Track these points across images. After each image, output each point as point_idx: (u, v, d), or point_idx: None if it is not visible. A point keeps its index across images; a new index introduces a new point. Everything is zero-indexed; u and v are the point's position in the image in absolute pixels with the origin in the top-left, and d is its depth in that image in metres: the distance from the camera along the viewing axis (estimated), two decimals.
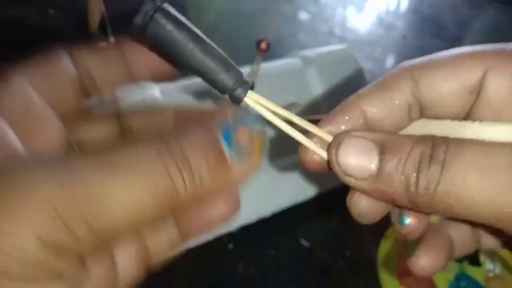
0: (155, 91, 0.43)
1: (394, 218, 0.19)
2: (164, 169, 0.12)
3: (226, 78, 0.15)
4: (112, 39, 0.35)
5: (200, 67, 0.15)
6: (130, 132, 0.17)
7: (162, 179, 0.12)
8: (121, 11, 0.82)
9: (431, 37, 0.94)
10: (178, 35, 0.14)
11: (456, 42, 0.95)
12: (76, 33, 0.71)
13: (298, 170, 0.47)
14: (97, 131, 0.17)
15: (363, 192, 0.16)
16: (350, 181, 0.16)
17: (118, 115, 0.17)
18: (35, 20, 0.72)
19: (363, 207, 0.17)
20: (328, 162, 0.17)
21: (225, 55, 0.15)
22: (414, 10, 1.06)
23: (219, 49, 0.15)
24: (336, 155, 0.16)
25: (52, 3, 0.76)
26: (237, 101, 0.15)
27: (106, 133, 0.17)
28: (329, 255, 0.45)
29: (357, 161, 0.15)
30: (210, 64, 0.15)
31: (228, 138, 0.13)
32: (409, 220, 0.18)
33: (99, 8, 0.33)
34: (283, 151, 0.48)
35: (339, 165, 0.16)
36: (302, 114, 0.18)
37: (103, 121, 0.17)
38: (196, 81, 0.46)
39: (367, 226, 0.49)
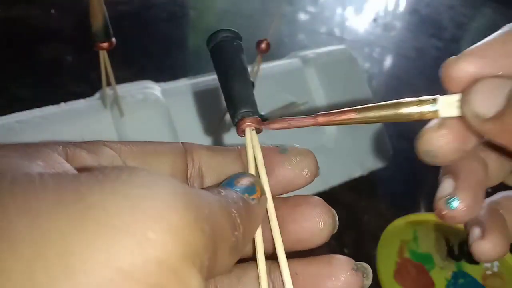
0: (156, 91, 0.43)
1: (439, 200, 0.18)
2: (221, 199, 0.13)
3: (239, 107, 0.17)
4: (114, 40, 0.35)
5: (232, 91, 0.17)
6: (200, 171, 0.17)
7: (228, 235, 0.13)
8: (123, 11, 0.82)
9: (429, 37, 0.95)
10: (228, 61, 0.18)
11: (454, 42, 0.96)
12: (77, 33, 0.71)
13: None
14: (163, 165, 0.16)
15: (487, 132, 0.15)
16: (476, 122, 0.15)
17: (187, 151, 0.17)
18: (37, 20, 0.73)
19: (438, 147, 0.17)
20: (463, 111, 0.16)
21: (252, 96, 0.17)
22: (412, 11, 1.06)
23: (249, 88, 0.17)
24: (469, 93, 0.15)
25: (54, 3, 0.76)
26: (239, 127, 0.17)
27: (174, 167, 0.16)
28: (328, 253, 0.45)
29: (488, 98, 0.15)
30: (236, 93, 0.17)
31: (232, 186, 0.15)
32: (458, 203, 0.17)
33: (101, 9, 0.33)
34: None
35: (468, 103, 0.15)
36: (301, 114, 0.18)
37: (169, 154, 0.16)
38: (196, 81, 0.47)
39: (366, 224, 0.49)
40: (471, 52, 0.16)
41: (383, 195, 0.53)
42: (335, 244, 0.46)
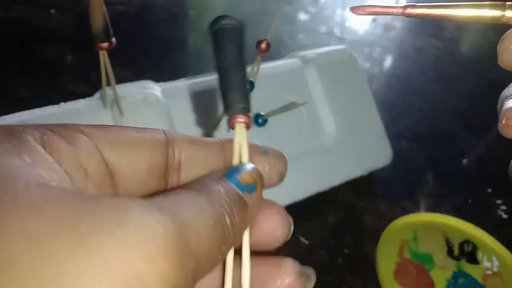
0: (156, 91, 0.43)
1: (508, 110, 0.19)
2: (213, 210, 0.13)
3: (237, 99, 0.17)
4: (114, 40, 0.35)
5: (227, 83, 0.17)
6: (179, 164, 0.17)
7: (219, 224, 0.13)
8: (123, 11, 0.82)
9: (429, 37, 0.95)
10: (229, 50, 0.17)
11: (454, 42, 0.96)
12: (77, 33, 0.71)
13: (297, 169, 0.48)
14: (141, 160, 0.15)
15: None
16: None
17: (169, 144, 0.16)
18: (37, 20, 0.73)
19: None
20: None
21: (246, 89, 0.17)
22: None
23: (246, 85, 0.17)
24: None
25: (54, 3, 0.76)
26: (231, 121, 0.17)
27: (152, 162, 0.16)
28: (328, 253, 0.45)
29: None
30: (231, 84, 0.17)
31: (237, 183, 0.15)
32: None
33: (101, 9, 0.33)
34: None
35: None
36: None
37: (149, 147, 0.16)
38: (196, 81, 0.47)
39: (366, 224, 0.49)
40: None
41: (383, 195, 0.53)
42: (335, 244, 0.46)
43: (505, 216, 0.52)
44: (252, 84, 0.40)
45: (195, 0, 0.94)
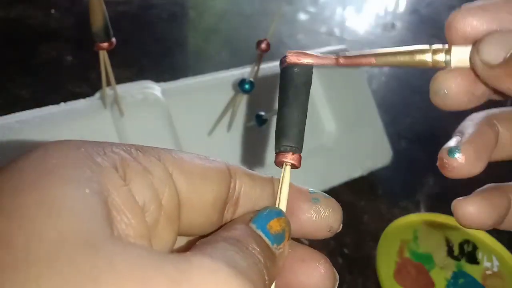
0: (156, 91, 0.44)
1: (443, 150, 0.19)
2: (258, 267, 0.13)
3: (292, 138, 0.17)
4: (114, 40, 0.35)
5: (281, 120, 0.17)
6: (237, 199, 0.16)
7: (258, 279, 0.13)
8: (123, 11, 0.82)
9: (430, 37, 0.95)
10: (298, 89, 0.17)
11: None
12: (77, 33, 0.71)
13: (297, 169, 0.48)
14: (209, 192, 0.15)
15: (493, 78, 0.17)
16: (484, 69, 0.17)
17: (231, 176, 0.16)
18: (37, 20, 0.73)
19: (449, 87, 0.18)
20: (472, 60, 0.17)
21: (303, 131, 0.17)
22: (413, 11, 1.06)
23: (303, 124, 0.17)
24: (479, 44, 0.17)
25: (54, 4, 0.76)
26: (279, 159, 0.17)
27: (218, 196, 0.15)
28: (328, 253, 0.45)
29: (495, 48, 0.16)
30: (290, 122, 0.17)
31: (266, 233, 0.14)
32: (459, 154, 0.19)
33: (101, 9, 0.33)
34: None
35: (478, 52, 0.17)
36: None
37: (216, 179, 0.15)
38: (196, 81, 0.47)
39: (366, 224, 0.49)
40: (475, 8, 0.18)
41: (383, 195, 0.53)
42: (335, 244, 0.46)
43: None
44: (252, 84, 0.40)
45: (195, 0, 0.94)
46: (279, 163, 0.17)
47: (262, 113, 0.45)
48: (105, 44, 0.34)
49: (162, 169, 0.14)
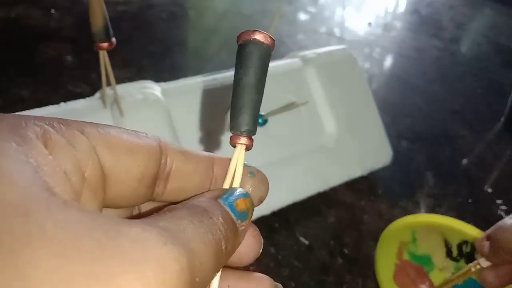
0: (156, 91, 0.43)
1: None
2: (214, 237, 0.13)
3: (244, 120, 0.17)
4: (114, 40, 0.35)
5: (238, 99, 0.17)
6: (168, 174, 0.17)
7: (215, 244, 0.13)
8: (123, 11, 0.82)
9: (429, 37, 0.95)
10: (252, 68, 0.17)
11: (454, 42, 0.96)
12: (77, 33, 0.71)
13: (297, 169, 0.48)
14: (136, 167, 0.15)
15: None
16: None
17: (162, 153, 0.17)
18: (37, 20, 0.73)
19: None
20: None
21: (258, 111, 0.17)
22: (412, 11, 1.06)
23: (258, 105, 0.17)
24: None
25: (54, 4, 0.76)
26: (232, 141, 0.17)
27: (145, 171, 0.16)
28: (328, 253, 0.45)
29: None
30: (244, 103, 0.17)
31: (232, 209, 0.15)
32: None
33: (101, 9, 0.33)
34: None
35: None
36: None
37: (144, 155, 0.16)
38: (196, 81, 0.47)
39: (366, 224, 0.49)
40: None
41: (383, 195, 0.53)
42: (335, 244, 0.46)
43: (505, 216, 0.52)
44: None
45: (195, 0, 0.94)
46: (234, 144, 0.17)
47: (262, 113, 0.45)
48: (105, 44, 0.35)
49: (85, 142, 0.14)
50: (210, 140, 0.45)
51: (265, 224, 0.45)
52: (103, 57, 0.36)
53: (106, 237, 0.11)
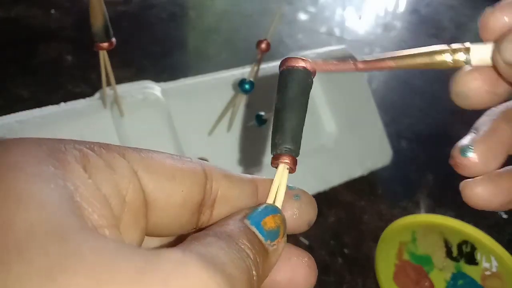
0: (156, 91, 0.44)
1: (455, 148, 0.19)
2: (244, 264, 0.13)
3: (284, 142, 0.17)
4: (114, 40, 0.35)
5: (281, 123, 0.17)
6: (214, 201, 0.16)
7: (243, 271, 0.13)
8: (123, 11, 0.82)
9: (429, 37, 0.95)
10: (294, 90, 0.17)
11: (454, 42, 0.96)
12: (77, 33, 0.71)
13: (297, 169, 0.48)
14: (178, 193, 0.15)
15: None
16: (505, 68, 0.16)
17: (207, 179, 0.16)
18: (37, 20, 0.73)
19: (470, 86, 0.17)
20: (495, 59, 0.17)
21: (300, 132, 0.17)
22: (412, 11, 1.06)
23: (301, 130, 0.17)
24: (501, 43, 0.16)
25: (54, 3, 0.76)
26: (273, 164, 0.17)
27: (188, 197, 0.15)
28: (328, 253, 0.45)
29: None
30: (286, 123, 0.17)
31: (259, 229, 0.14)
32: (472, 153, 0.18)
33: (101, 9, 0.33)
34: None
35: (499, 51, 0.16)
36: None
37: (188, 181, 0.15)
38: (196, 81, 0.47)
39: (366, 224, 0.49)
40: (508, 3, 0.17)
41: (383, 195, 0.53)
42: (335, 244, 0.46)
43: (505, 216, 0.52)
44: (252, 84, 0.40)
45: (195, 0, 0.94)
46: (276, 165, 0.17)
47: (262, 113, 0.45)
48: (105, 44, 0.34)
49: (125, 165, 0.14)
50: (210, 141, 0.45)
51: None
52: (103, 57, 0.36)
53: (145, 261, 0.10)
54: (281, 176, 0.16)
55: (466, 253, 0.45)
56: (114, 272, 0.10)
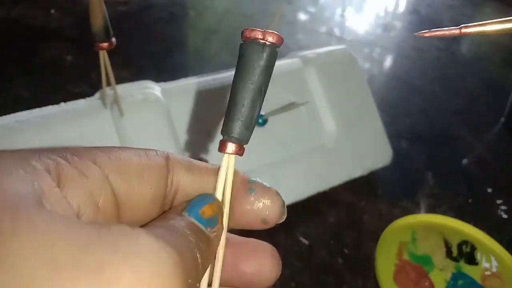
0: (156, 91, 0.43)
1: None
2: (189, 248, 0.13)
3: (235, 128, 0.16)
4: (114, 40, 0.35)
5: (236, 101, 0.16)
6: (175, 192, 0.17)
7: (190, 258, 0.13)
8: (123, 12, 0.82)
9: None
10: (254, 71, 0.16)
11: (454, 42, 0.96)
12: (77, 33, 0.71)
13: (297, 169, 0.48)
14: (148, 190, 0.15)
15: None
16: None
17: (169, 171, 0.16)
18: (37, 20, 0.73)
19: None
20: None
21: (255, 119, 0.16)
22: (413, 11, 1.06)
23: (258, 111, 0.16)
24: None
25: (54, 4, 0.76)
26: (221, 148, 0.16)
27: (156, 193, 0.16)
28: (328, 253, 0.45)
29: None
30: (240, 109, 0.16)
31: (198, 218, 0.15)
32: None
33: (101, 9, 0.33)
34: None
35: None
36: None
37: (155, 178, 0.16)
38: (196, 81, 0.47)
39: (366, 224, 0.49)
40: None
41: (383, 195, 0.53)
42: (335, 244, 0.46)
43: (505, 216, 0.52)
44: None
45: (195, 0, 0.94)
46: (222, 151, 0.16)
47: (262, 113, 0.45)
48: (105, 44, 0.34)
49: (97, 171, 0.14)
50: (210, 141, 0.45)
51: None
52: (103, 57, 0.36)
53: (97, 231, 0.11)
54: (227, 165, 0.16)
55: (466, 253, 0.45)
56: (65, 239, 0.10)
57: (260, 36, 0.15)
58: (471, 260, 0.45)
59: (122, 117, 0.40)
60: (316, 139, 0.50)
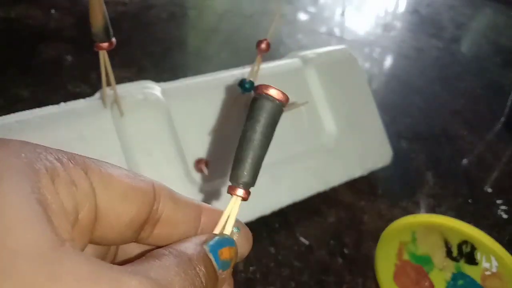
0: (156, 91, 0.43)
1: None
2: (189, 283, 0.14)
3: (241, 176, 0.17)
4: (114, 40, 0.35)
5: (241, 151, 0.17)
6: (157, 221, 0.17)
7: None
8: (123, 12, 0.82)
9: (429, 37, 0.95)
10: (263, 124, 0.17)
11: (454, 42, 0.96)
12: (77, 33, 0.71)
13: (297, 169, 0.48)
14: (127, 213, 0.16)
15: None
16: None
17: (155, 200, 0.17)
18: (37, 20, 0.73)
19: None
20: None
21: (260, 164, 0.18)
22: (413, 11, 1.06)
23: (262, 159, 0.18)
24: None
25: (54, 4, 0.76)
26: (230, 191, 0.18)
27: (135, 218, 0.16)
28: (328, 253, 0.45)
29: None
30: (248, 157, 0.17)
31: (216, 257, 0.15)
32: None
33: (101, 9, 0.33)
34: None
35: None
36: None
37: (138, 203, 0.16)
38: (196, 81, 0.47)
39: (366, 224, 0.49)
40: None
41: (383, 195, 0.53)
42: (335, 244, 0.46)
43: (505, 216, 0.52)
44: (252, 84, 0.40)
45: (195, 0, 0.94)
46: (231, 194, 0.17)
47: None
48: (105, 44, 0.34)
49: (87, 183, 0.14)
50: (210, 141, 0.45)
51: (265, 224, 0.45)
52: (103, 57, 0.36)
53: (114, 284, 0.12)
54: (232, 207, 0.17)
55: (466, 253, 0.45)
56: (64, 275, 0.11)
57: (268, 91, 0.17)
58: (471, 260, 0.45)
59: (122, 117, 0.40)
60: (316, 139, 0.50)
